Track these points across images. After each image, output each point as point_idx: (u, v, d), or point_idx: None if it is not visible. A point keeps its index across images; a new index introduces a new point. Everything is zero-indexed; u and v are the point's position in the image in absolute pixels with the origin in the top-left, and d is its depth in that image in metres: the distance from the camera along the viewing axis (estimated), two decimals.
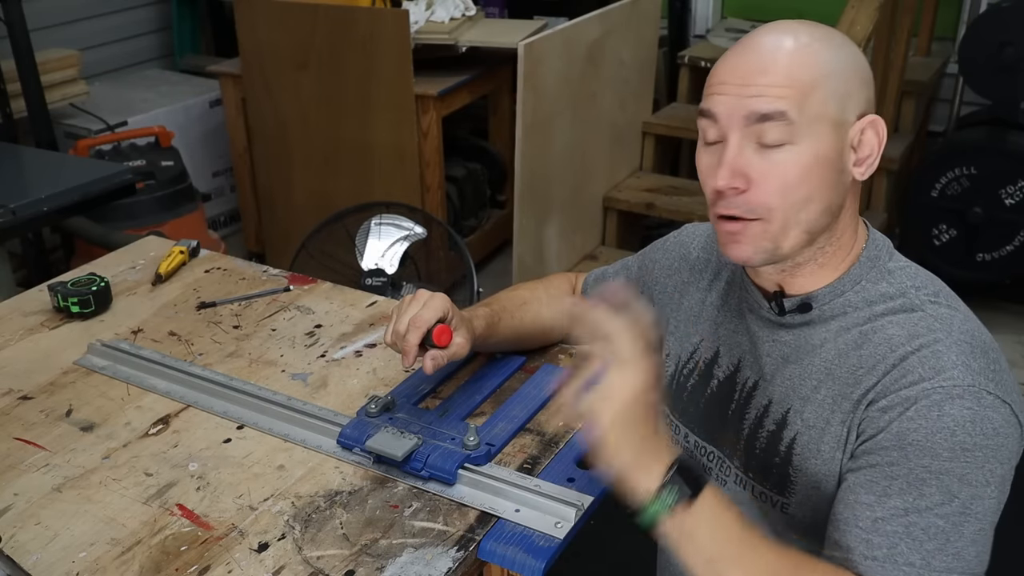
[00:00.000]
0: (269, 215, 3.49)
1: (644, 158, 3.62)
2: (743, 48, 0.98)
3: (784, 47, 0.95)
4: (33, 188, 2.29)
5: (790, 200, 0.95)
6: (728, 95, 0.96)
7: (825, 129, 0.94)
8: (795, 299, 1.03)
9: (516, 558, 1.03)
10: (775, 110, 0.93)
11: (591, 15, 3.05)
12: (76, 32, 3.60)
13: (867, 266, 1.02)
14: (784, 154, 0.94)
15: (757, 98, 0.93)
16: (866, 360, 0.97)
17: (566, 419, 0.86)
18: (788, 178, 0.94)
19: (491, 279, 3.45)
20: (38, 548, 1.05)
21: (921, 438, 0.90)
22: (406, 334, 1.18)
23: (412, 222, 2.30)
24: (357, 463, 1.18)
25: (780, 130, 0.93)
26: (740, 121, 0.95)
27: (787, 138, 0.93)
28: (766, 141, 0.94)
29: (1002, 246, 3.03)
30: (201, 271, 1.68)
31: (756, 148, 0.95)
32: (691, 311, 1.18)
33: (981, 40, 2.94)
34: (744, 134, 0.95)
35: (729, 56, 0.99)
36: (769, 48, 0.96)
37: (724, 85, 0.97)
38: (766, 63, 0.95)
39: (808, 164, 0.94)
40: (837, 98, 0.95)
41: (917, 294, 1.00)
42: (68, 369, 1.39)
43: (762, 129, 0.94)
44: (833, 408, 0.98)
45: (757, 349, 1.07)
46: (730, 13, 4.15)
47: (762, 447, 1.05)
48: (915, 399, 0.92)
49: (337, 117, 3.15)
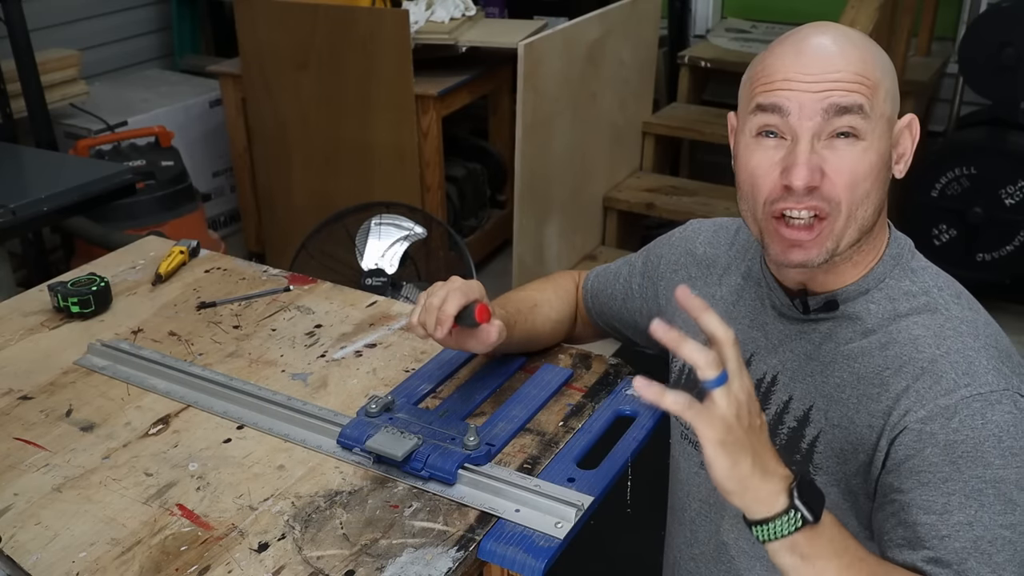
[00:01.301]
0: (269, 215, 3.49)
1: (644, 158, 3.62)
2: (803, 46, 0.97)
3: (849, 45, 0.96)
4: (33, 188, 2.29)
5: (856, 195, 0.95)
6: (800, 91, 0.94)
7: (884, 127, 0.96)
8: (820, 298, 1.03)
9: (516, 558, 1.03)
10: (855, 103, 0.93)
11: (591, 15, 3.06)
12: (76, 32, 3.60)
13: (890, 264, 1.02)
14: (855, 149, 0.94)
15: (836, 92, 0.93)
16: (892, 361, 0.97)
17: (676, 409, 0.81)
18: (857, 173, 0.95)
19: (491, 279, 3.45)
20: (38, 548, 1.05)
21: (970, 448, 0.89)
22: (443, 304, 1.12)
23: (412, 222, 2.30)
24: (357, 463, 1.18)
25: (856, 123, 0.94)
26: (817, 115, 0.94)
27: (860, 133, 0.94)
28: (841, 133, 0.94)
29: (1002, 246, 3.03)
30: (201, 271, 1.68)
31: (826, 143, 0.95)
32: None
33: (981, 40, 2.94)
34: (817, 130, 0.94)
35: (786, 54, 0.97)
36: (834, 46, 0.96)
37: (791, 82, 0.95)
38: (837, 60, 0.94)
39: (874, 160, 0.95)
40: (892, 97, 0.97)
41: (940, 294, 0.99)
42: (68, 369, 1.39)
43: (837, 123, 0.94)
44: (858, 408, 0.98)
45: (777, 346, 1.06)
46: (730, 13, 4.15)
47: (782, 444, 1.04)
48: (955, 409, 0.91)
49: (337, 117, 3.15)
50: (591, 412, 1.27)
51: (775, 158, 0.96)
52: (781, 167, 0.96)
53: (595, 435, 1.23)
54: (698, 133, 3.54)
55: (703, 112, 3.69)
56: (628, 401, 1.29)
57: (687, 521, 1.19)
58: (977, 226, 3.01)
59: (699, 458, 1.14)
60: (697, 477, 1.17)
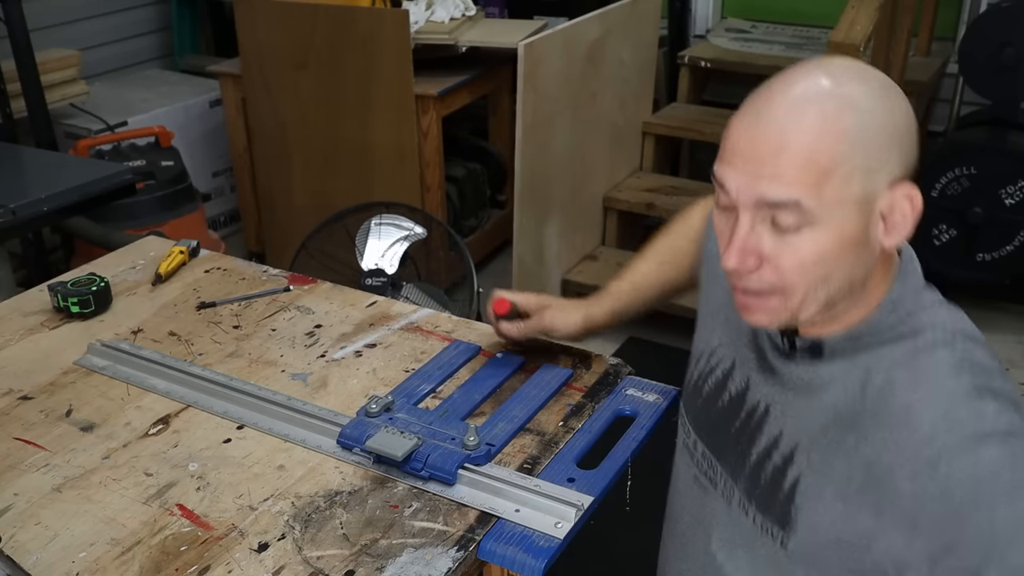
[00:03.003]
0: (269, 215, 3.49)
1: (644, 158, 3.62)
2: (760, 110, 0.88)
3: (804, 122, 0.85)
4: (33, 188, 2.29)
5: (809, 278, 0.88)
6: (739, 170, 0.88)
7: (848, 210, 0.86)
8: (806, 340, 0.97)
9: (516, 558, 1.03)
10: (788, 199, 0.85)
11: (591, 15, 3.05)
12: (76, 32, 3.60)
13: (888, 309, 0.94)
14: (800, 238, 0.86)
15: (768, 182, 0.85)
16: (870, 404, 0.91)
17: None
18: (804, 260, 0.87)
19: (491, 279, 3.45)
20: (38, 548, 1.05)
21: (967, 493, 0.83)
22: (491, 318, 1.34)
23: (412, 222, 2.30)
24: (357, 463, 1.18)
25: (794, 217, 0.85)
26: (751, 201, 0.87)
27: (803, 222, 0.86)
28: (779, 224, 0.87)
29: (1002, 246, 3.02)
30: (201, 271, 1.68)
31: (771, 227, 0.87)
32: (711, 306, 1.13)
33: (981, 40, 2.94)
34: (756, 213, 0.88)
35: (745, 118, 0.89)
36: (786, 121, 0.86)
37: (736, 156, 0.88)
38: (780, 141, 0.85)
39: (827, 248, 0.86)
40: (863, 174, 0.85)
41: (933, 334, 0.92)
42: (68, 369, 1.39)
43: (774, 213, 0.86)
44: (836, 452, 0.94)
45: (769, 376, 1.03)
46: (730, 13, 4.15)
47: (767, 479, 1.00)
48: (938, 457, 0.85)
49: (337, 117, 3.15)
50: (591, 412, 1.27)
51: (726, 229, 0.91)
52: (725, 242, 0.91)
53: (595, 435, 1.23)
54: (698, 133, 3.54)
55: (703, 112, 3.69)
56: (628, 401, 1.29)
57: (678, 534, 1.17)
58: (977, 226, 3.01)
59: (694, 470, 1.12)
60: (690, 491, 1.14)
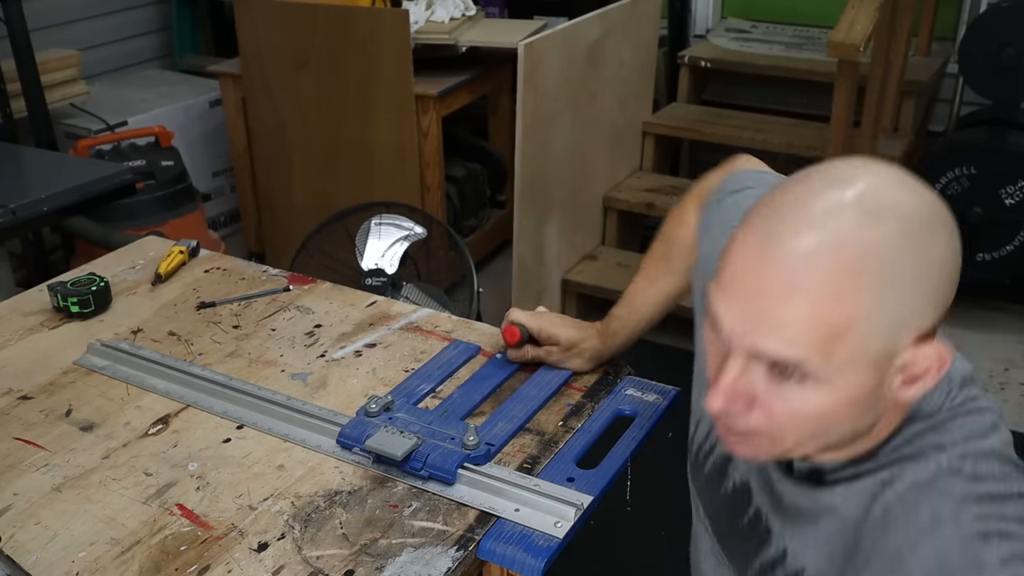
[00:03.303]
0: (269, 215, 3.49)
1: (644, 158, 3.62)
2: (772, 233, 0.71)
3: (819, 263, 0.69)
4: (33, 188, 2.29)
5: (803, 431, 0.76)
6: (736, 309, 0.73)
7: (861, 370, 0.72)
8: (804, 465, 0.86)
9: (516, 558, 1.03)
10: (789, 360, 0.71)
11: (591, 15, 3.05)
12: (76, 32, 3.60)
13: (899, 441, 0.81)
14: (801, 390, 0.73)
15: (769, 334, 0.71)
16: (867, 541, 0.80)
17: None
18: (803, 416, 0.74)
19: (491, 279, 3.45)
20: (38, 548, 1.05)
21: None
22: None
23: (412, 222, 2.30)
24: (357, 463, 1.18)
25: (796, 372, 0.72)
26: (745, 351, 0.74)
27: (806, 378, 0.72)
28: (777, 371, 0.73)
29: (1002, 246, 3.02)
30: (201, 271, 1.68)
31: (767, 369, 0.74)
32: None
33: (981, 40, 2.94)
34: (751, 355, 0.74)
35: (754, 233, 0.73)
36: (800, 261, 0.69)
37: (735, 291, 0.73)
38: (790, 285, 0.70)
39: (830, 408, 0.74)
40: (885, 332, 0.71)
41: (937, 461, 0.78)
42: (68, 369, 1.39)
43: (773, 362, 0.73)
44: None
45: (766, 487, 0.92)
46: (730, 13, 4.15)
47: None
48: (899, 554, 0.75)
49: (337, 117, 3.15)
50: (591, 412, 1.27)
51: (716, 356, 0.78)
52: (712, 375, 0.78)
53: (595, 435, 1.23)
54: (698, 133, 3.54)
55: (703, 112, 3.69)
56: (628, 401, 1.29)
57: (698, 564, 1.12)
58: (977, 226, 3.01)
59: (710, 543, 1.05)
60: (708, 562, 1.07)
